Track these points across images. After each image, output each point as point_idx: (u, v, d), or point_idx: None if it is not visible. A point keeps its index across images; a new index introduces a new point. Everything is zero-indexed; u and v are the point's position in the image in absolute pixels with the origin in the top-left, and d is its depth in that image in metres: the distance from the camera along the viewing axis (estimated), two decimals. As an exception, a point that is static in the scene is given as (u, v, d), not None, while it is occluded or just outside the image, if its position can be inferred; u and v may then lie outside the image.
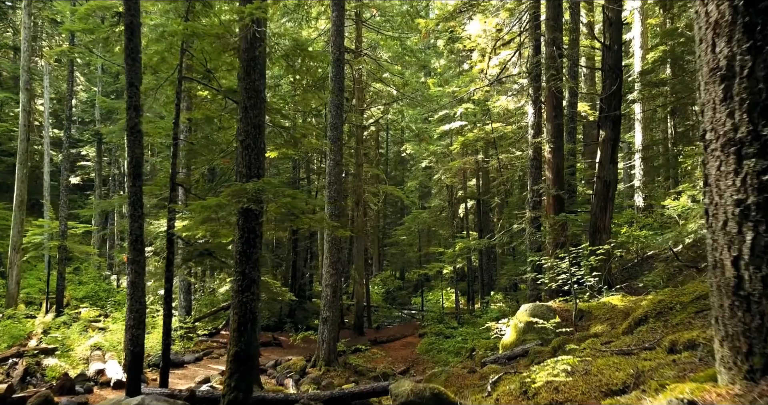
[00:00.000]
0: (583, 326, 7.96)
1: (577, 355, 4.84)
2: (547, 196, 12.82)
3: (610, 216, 12.42)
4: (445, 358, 16.16)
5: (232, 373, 6.71)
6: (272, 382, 13.07)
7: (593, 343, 5.24)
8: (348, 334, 21.29)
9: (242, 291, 6.88)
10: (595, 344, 5.21)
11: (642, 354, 4.01)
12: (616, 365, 3.59)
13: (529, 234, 12.96)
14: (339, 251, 14.64)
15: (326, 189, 14.70)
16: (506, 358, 7.89)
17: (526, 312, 8.73)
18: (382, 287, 35.01)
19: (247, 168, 7.01)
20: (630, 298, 8.59)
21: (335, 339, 14.47)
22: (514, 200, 21.72)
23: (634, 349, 4.23)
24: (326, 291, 14.45)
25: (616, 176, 12.51)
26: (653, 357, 3.63)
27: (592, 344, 5.24)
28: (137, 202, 8.28)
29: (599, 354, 4.35)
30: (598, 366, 3.69)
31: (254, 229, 6.99)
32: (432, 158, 25.85)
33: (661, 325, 5.21)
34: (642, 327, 5.39)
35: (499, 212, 26.66)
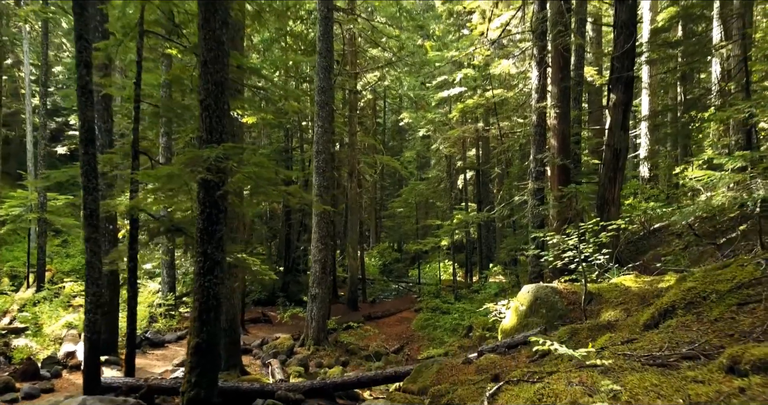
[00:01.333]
0: (592, 311, 7.10)
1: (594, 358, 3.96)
2: (551, 166, 11.86)
3: (619, 187, 11.48)
4: (440, 335, 15.47)
5: (192, 367, 5.87)
6: (257, 363, 12.33)
7: (611, 341, 4.36)
8: (341, 309, 20.60)
9: (204, 274, 5.98)
10: (614, 342, 4.33)
11: (684, 365, 3.12)
12: (656, 388, 2.70)
13: (531, 207, 12.04)
14: (328, 225, 13.75)
15: (314, 158, 13.71)
16: (506, 347, 7.05)
17: (529, 294, 7.87)
18: (379, 259, 34.33)
19: (208, 132, 6.03)
20: (644, 279, 7.72)
21: (325, 317, 13.71)
22: (515, 171, 20.72)
23: (671, 358, 3.34)
24: (315, 267, 13.61)
25: (627, 144, 11.52)
26: (705, 376, 2.74)
27: (611, 342, 4.35)
28: (91, 172, 7.31)
29: (624, 362, 3.46)
30: (630, 387, 2.81)
31: (217, 204, 6.06)
32: (430, 127, 24.73)
33: (694, 319, 4.31)
34: (670, 321, 4.49)
35: (499, 183, 25.70)
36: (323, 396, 7.55)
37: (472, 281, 24.82)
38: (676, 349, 3.59)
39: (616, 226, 7.52)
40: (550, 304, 7.48)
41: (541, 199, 12.16)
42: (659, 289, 6.89)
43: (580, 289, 7.72)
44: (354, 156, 20.60)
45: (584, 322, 6.72)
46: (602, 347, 4.24)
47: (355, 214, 21.15)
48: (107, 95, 11.21)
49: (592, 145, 19.49)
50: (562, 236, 7.69)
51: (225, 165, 5.68)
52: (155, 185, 5.93)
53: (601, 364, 3.41)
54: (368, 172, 26.52)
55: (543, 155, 11.89)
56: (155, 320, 14.50)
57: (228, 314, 10.49)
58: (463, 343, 14.05)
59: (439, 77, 24.25)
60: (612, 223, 7.66)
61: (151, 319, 14.58)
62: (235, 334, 10.62)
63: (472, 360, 6.73)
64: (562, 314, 7.34)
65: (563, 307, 7.41)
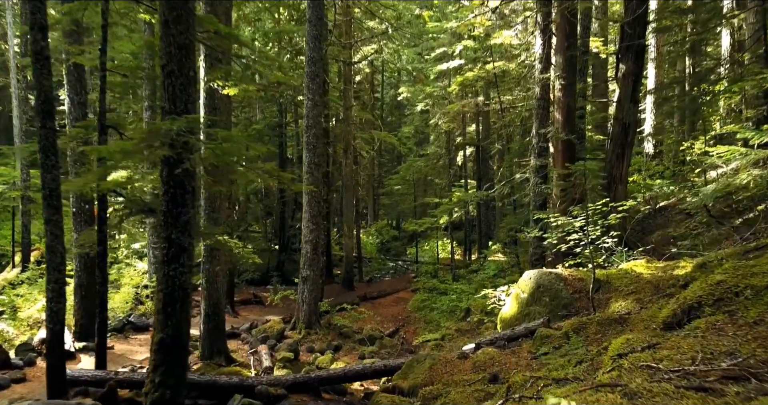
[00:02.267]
0: (601, 300, 6.49)
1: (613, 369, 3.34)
2: (555, 142, 11.14)
3: (627, 164, 10.81)
4: (437, 318, 14.94)
5: (156, 365, 5.26)
6: (245, 349, 11.81)
7: (629, 345, 3.73)
8: (336, 289, 20.09)
9: (168, 262, 5.34)
10: (633, 346, 3.70)
11: (730, 391, 2.49)
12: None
13: (533, 185, 11.36)
14: (319, 204, 13.09)
15: (304, 134, 12.97)
16: (506, 339, 6.46)
17: (531, 280, 7.25)
18: (377, 238, 33.77)
19: (171, 102, 5.31)
20: (657, 265, 7.09)
21: (317, 299, 13.15)
22: (515, 147, 19.97)
23: (709, 376, 2.71)
24: (306, 247, 13.00)
25: (636, 118, 10.80)
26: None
27: (629, 346, 3.72)
28: (49, 147, 6.62)
29: (651, 380, 2.83)
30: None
31: (183, 184, 5.38)
32: (428, 101, 23.86)
33: (727, 320, 3.69)
34: (698, 321, 3.86)
35: (499, 160, 24.95)
36: (307, 390, 7.00)
37: (470, 260, 24.27)
38: (714, 362, 2.95)
39: (627, 207, 6.86)
40: (554, 292, 6.87)
41: (543, 176, 11.47)
42: (675, 276, 6.27)
43: (586, 275, 7.11)
44: (349, 131, 19.82)
45: (592, 313, 6.12)
46: (619, 354, 3.62)
47: (350, 192, 20.48)
48: (79, 65, 10.45)
49: (596, 119, 18.71)
50: (567, 218, 7.04)
51: (189, 140, 4.98)
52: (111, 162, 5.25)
53: (624, 383, 2.78)
54: (365, 148, 25.75)
55: (546, 130, 11.17)
56: (141, 302, 13.95)
57: (211, 298, 9.93)
58: (460, 327, 13.53)
59: (438, 49, 23.29)
60: (622, 204, 7.00)
61: (137, 301, 14.03)
62: (219, 319, 10.07)
63: (469, 354, 6.14)
64: (566, 303, 6.74)
65: (568, 295, 6.80)
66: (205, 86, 9.69)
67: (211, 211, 9.87)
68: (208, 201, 9.88)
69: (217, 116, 9.84)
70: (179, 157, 5.14)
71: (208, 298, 9.94)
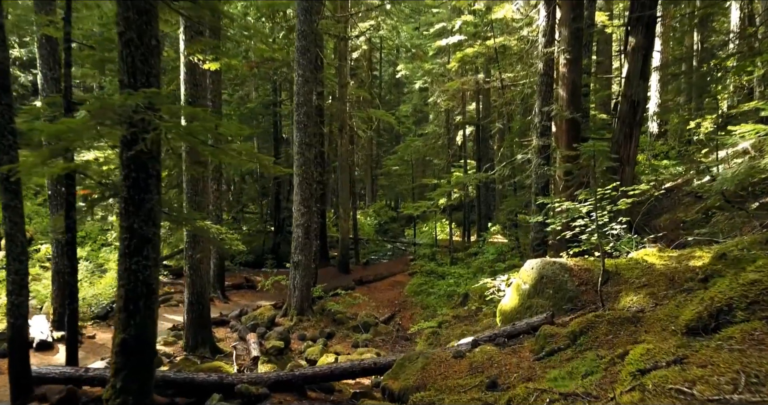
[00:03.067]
0: (609, 294, 5.95)
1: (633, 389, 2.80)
2: (559, 120, 10.51)
3: (635, 144, 10.21)
4: (434, 303, 14.49)
5: (118, 369, 4.75)
6: (233, 337, 11.34)
7: (652, 358, 3.19)
8: (332, 273, 19.63)
9: (130, 254, 4.78)
10: (656, 359, 3.16)
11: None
12: None
13: (535, 166, 10.76)
14: (311, 186, 12.50)
15: (294, 112, 12.33)
16: (506, 336, 5.94)
17: (533, 270, 6.71)
18: (375, 219, 33.25)
19: (130, 75, 4.69)
20: (670, 254, 6.54)
21: (309, 285, 12.66)
22: (517, 126, 19.31)
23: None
24: (298, 232, 12.45)
25: (646, 95, 10.16)
26: None
27: (651, 360, 3.19)
28: (5, 126, 6.02)
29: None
30: None
31: (145, 167, 4.79)
32: (427, 79, 23.10)
33: (767, 329, 3.13)
34: (731, 330, 3.31)
35: (499, 139, 24.28)
36: (292, 389, 6.50)
37: (469, 242, 23.78)
38: (762, 389, 2.41)
39: (638, 191, 6.28)
40: (558, 284, 6.34)
41: (546, 157, 10.87)
42: (691, 268, 5.72)
43: (593, 265, 6.57)
44: (344, 110, 19.13)
45: (601, 308, 5.58)
46: (640, 369, 3.08)
47: (346, 173, 19.86)
48: (52, 38, 9.78)
49: (601, 97, 18.03)
50: (575, 204, 6.47)
51: (145, 117, 4.37)
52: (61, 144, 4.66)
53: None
54: (361, 127, 25.07)
55: (550, 108, 10.53)
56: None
57: (195, 286, 9.42)
58: (458, 313, 13.08)
59: (437, 24, 22.47)
60: (633, 188, 6.42)
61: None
62: (204, 308, 9.56)
63: (465, 353, 5.63)
64: (572, 296, 6.21)
65: (573, 287, 6.26)
66: (185, 60, 9.03)
67: (194, 195, 9.30)
68: (191, 184, 9.30)
69: (199, 93, 9.19)
70: (136, 138, 4.55)
71: (192, 286, 9.42)
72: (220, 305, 14.11)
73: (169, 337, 9.94)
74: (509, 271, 12.15)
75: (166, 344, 9.69)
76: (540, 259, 6.91)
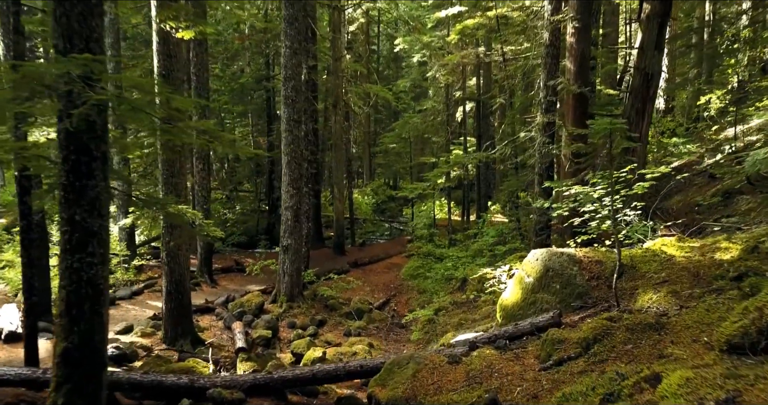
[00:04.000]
0: (625, 291, 5.29)
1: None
2: (566, 95, 9.75)
3: (648, 121, 9.48)
4: (431, 287, 13.90)
5: (60, 383, 4.10)
6: (218, 326, 10.77)
7: (693, 393, 2.54)
8: (327, 255, 19.03)
9: (72, 250, 4.11)
10: (700, 395, 2.50)
11: None
12: None
13: (539, 145, 10.01)
14: (301, 166, 11.77)
15: (282, 86, 11.54)
16: (507, 337, 5.30)
17: (538, 262, 6.04)
18: (373, 198, 32.56)
19: (65, 39, 3.95)
20: (691, 244, 5.86)
21: (299, 270, 12.03)
22: (519, 101, 18.47)
23: None
24: (286, 214, 11.78)
25: (660, 67, 9.38)
26: None
27: (693, 393, 2.53)
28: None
29: None
30: None
31: (87, 148, 4.08)
32: (425, 52, 22.11)
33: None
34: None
35: (500, 116, 23.45)
36: (270, 393, 5.89)
37: (469, 222, 23.15)
38: None
39: (657, 173, 5.57)
40: (566, 278, 5.67)
41: (551, 135, 10.13)
42: (718, 262, 5.06)
43: (605, 257, 5.89)
44: (339, 84, 18.26)
45: (615, 308, 4.93)
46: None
47: (341, 151, 19.09)
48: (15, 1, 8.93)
49: (608, 71, 17.17)
50: (585, 188, 5.77)
51: (79, 88, 3.64)
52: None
53: None
54: (358, 103, 24.19)
55: (556, 82, 9.74)
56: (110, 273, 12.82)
57: (173, 275, 8.78)
58: (456, 299, 12.49)
59: (437, -6, 21.47)
60: (651, 170, 5.71)
61: (106, 271, 12.89)
62: (183, 297, 8.94)
63: (461, 357, 4.99)
64: (581, 292, 5.55)
65: (583, 282, 5.60)
66: (157, 28, 8.23)
67: (170, 176, 8.59)
68: (166, 164, 8.58)
69: (174, 65, 8.41)
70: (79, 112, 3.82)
71: (170, 273, 8.78)
72: (208, 290, 13.52)
73: (147, 328, 9.34)
74: (510, 257, 11.51)
75: (143, 335, 9.09)
76: (545, 249, 6.22)
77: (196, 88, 13.34)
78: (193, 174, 13.69)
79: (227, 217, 24.74)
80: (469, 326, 10.10)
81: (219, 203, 26.12)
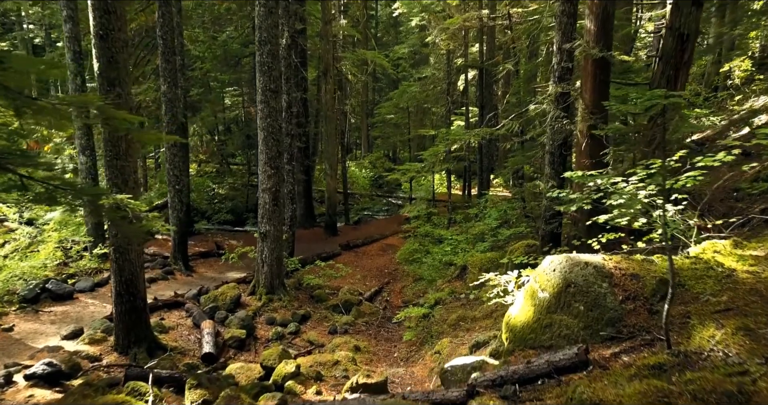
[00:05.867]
0: (673, 319, 4.00)
1: None
2: (584, 61, 8.28)
3: (680, 90, 8.01)
4: (428, 274, 12.69)
5: None
6: (187, 325, 9.56)
7: None
8: (318, 235, 17.81)
9: None
10: None
11: None
12: None
13: (552, 119, 8.59)
14: (279, 143, 10.39)
15: (257, 51, 10.08)
16: (516, 380, 4.04)
17: (555, 274, 4.75)
18: (371, 171, 31.19)
19: None
20: (753, 252, 4.55)
21: (279, 259, 10.79)
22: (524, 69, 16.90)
23: None
24: (264, 197, 10.48)
25: (698, 26, 7.89)
26: None
27: None
28: None
29: None
30: None
31: None
32: (424, 15, 20.40)
33: None
34: None
35: (504, 84, 21.85)
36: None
37: (470, 197, 21.84)
38: None
39: (716, 161, 4.22)
40: (593, 298, 4.39)
41: (565, 108, 8.70)
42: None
43: (642, 269, 4.59)
44: (329, 50, 16.69)
45: (666, 351, 3.64)
46: None
47: (332, 123, 17.64)
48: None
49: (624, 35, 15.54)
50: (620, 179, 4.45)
51: None
52: None
53: None
54: (352, 70, 22.61)
55: (573, 45, 8.26)
56: (69, 262, 11.58)
57: (122, 273, 7.53)
58: (454, 289, 11.32)
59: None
60: (708, 156, 4.36)
61: (67, 260, 11.66)
62: (136, 298, 7.70)
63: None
64: (613, 318, 4.27)
65: (616, 304, 4.32)
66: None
67: (114, 158, 7.24)
68: (110, 144, 7.23)
69: (114, 24, 6.95)
70: None
71: (119, 272, 7.52)
72: (182, 279, 12.31)
73: (98, 333, 8.12)
74: (515, 245, 10.24)
75: (92, 342, 7.87)
76: (564, 256, 4.92)
77: (163, 53, 11.85)
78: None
79: (215, 193, 23.43)
80: (469, 327, 8.89)
81: (209, 177, 24.82)
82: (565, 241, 9.15)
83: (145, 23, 16.35)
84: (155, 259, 13.26)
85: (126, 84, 7.26)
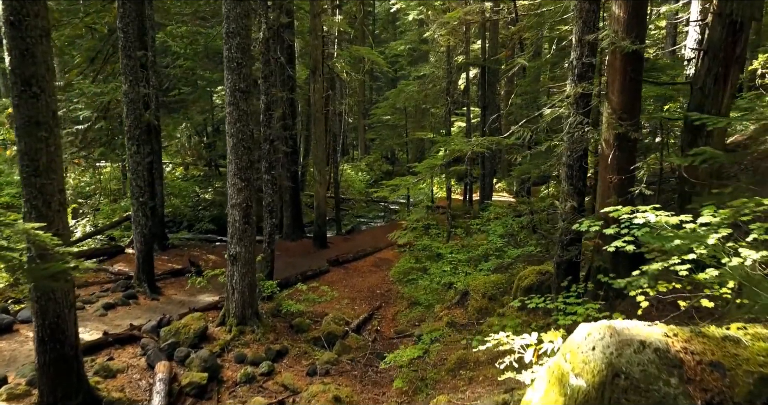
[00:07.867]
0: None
1: None
2: (612, 55, 6.86)
3: (732, 92, 6.63)
4: (425, 298, 11.29)
5: None
6: (140, 365, 8.13)
7: None
8: (305, 248, 16.38)
9: None
10: None
11: None
12: None
13: (570, 126, 7.17)
14: (250, 151, 8.97)
15: (224, 45, 8.68)
16: None
17: (595, 354, 3.32)
18: (368, 174, 29.80)
19: None
20: None
21: (252, 285, 9.37)
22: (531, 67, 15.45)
23: None
24: (233, 214, 9.06)
25: (755, 12, 6.46)
26: None
27: None
28: None
29: None
30: None
31: None
32: (423, 8, 18.97)
33: None
34: None
35: (508, 83, 20.44)
36: None
37: (471, 203, 20.43)
38: None
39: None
40: (658, 402, 2.96)
41: (587, 112, 7.28)
42: None
43: (724, 352, 3.17)
44: (318, 46, 15.27)
45: None
46: None
47: (320, 126, 16.20)
48: None
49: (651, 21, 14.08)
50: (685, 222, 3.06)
51: None
52: None
53: None
54: (346, 68, 21.19)
55: (598, 35, 6.84)
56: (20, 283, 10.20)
57: (45, 315, 6.12)
58: (454, 317, 9.95)
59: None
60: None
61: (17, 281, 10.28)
62: (64, 345, 6.28)
63: None
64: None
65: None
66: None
67: (32, 175, 5.83)
68: (27, 157, 5.82)
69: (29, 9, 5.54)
70: None
71: (41, 314, 6.11)
72: (146, 303, 10.88)
73: (20, 387, 6.69)
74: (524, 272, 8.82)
75: (11, 398, 6.46)
76: (606, 326, 3.49)
77: (123, 48, 10.43)
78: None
79: (201, 198, 22.02)
80: (471, 376, 7.44)
81: (195, 181, 23.44)
82: (586, 273, 7.73)
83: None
84: (119, 279, 11.87)
85: (46, 82, 5.84)
